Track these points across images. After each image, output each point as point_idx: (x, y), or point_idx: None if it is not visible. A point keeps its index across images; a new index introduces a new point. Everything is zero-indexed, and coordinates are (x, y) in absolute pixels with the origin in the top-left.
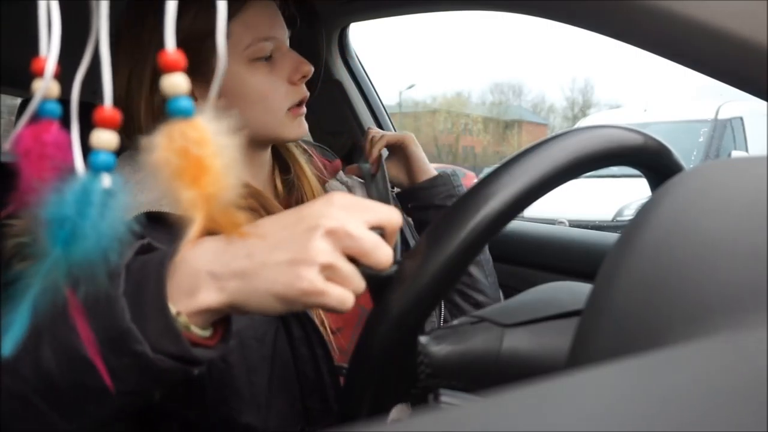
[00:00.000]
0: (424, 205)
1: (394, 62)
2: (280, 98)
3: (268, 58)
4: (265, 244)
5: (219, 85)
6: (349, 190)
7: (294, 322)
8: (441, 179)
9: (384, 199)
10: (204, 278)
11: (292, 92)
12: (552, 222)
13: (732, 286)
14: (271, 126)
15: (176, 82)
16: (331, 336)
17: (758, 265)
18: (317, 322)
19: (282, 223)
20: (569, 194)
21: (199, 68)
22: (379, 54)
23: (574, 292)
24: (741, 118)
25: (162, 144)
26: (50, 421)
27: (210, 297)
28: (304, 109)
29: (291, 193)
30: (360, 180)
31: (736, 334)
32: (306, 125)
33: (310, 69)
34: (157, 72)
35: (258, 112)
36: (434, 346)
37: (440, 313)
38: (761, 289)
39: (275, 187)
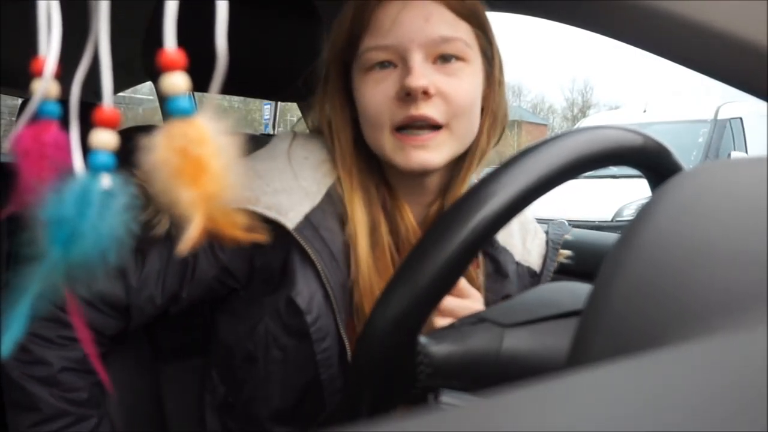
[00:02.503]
0: None
1: None
2: (379, 115)
3: (385, 66)
4: None
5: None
6: None
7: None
8: None
9: None
10: None
11: (395, 108)
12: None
13: (731, 286)
14: (379, 147)
15: (176, 82)
16: None
17: (757, 266)
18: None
19: None
20: (569, 194)
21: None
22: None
23: (574, 292)
24: (741, 119)
25: (162, 143)
26: None
27: None
28: (419, 139)
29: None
30: None
31: (734, 335)
32: (422, 158)
33: (411, 85)
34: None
35: (366, 129)
36: (434, 346)
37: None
38: (760, 290)
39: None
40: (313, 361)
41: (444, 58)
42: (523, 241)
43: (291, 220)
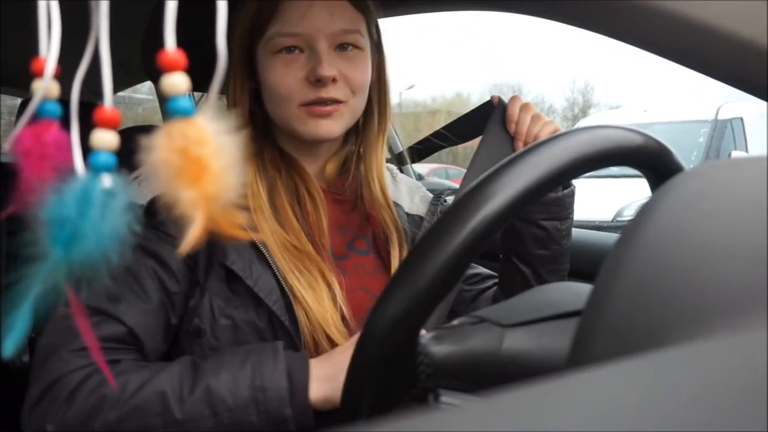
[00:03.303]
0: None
1: (394, 62)
2: (289, 93)
3: (291, 50)
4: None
5: (246, 75)
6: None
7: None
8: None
9: None
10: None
11: (305, 89)
12: None
13: (731, 287)
14: (284, 119)
15: (176, 82)
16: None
17: (758, 266)
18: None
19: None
20: None
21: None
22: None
23: (574, 292)
24: (741, 119)
25: (162, 143)
26: None
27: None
28: (326, 110)
29: (343, 174)
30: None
31: (735, 335)
32: (328, 127)
33: (323, 74)
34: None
35: (273, 104)
36: (434, 346)
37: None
38: (761, 290)
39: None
40: (265, 317)
41: (343, 47)
42: (411, 197)
43: None
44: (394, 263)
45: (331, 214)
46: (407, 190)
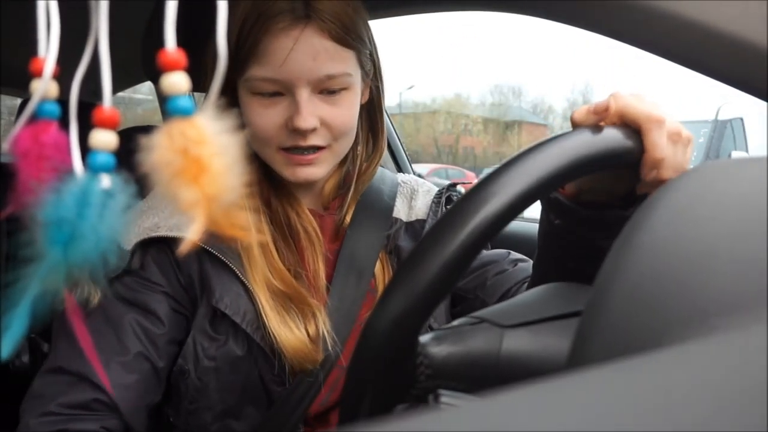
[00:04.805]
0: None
1: (394, 63)
2: (268, 137)
3: (273, 95)
4: None
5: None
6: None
7: (261, 358)
8: None
9: None
10: None
11: (283, 136)
12: None
13: (730, 287)
14: (264, 157)
15: (176, 82)
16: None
17: (756, 266)
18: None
19: None
20: None
21: None
22: (379, 54)
23: (574, 292)
24: (741, 119)
25: (162, 143)
26: None
27: None
28: (305, 158)
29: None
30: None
31: (734, 335)
32: (309, 173)
33: (300, 126)
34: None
35: (253, 142)
36: (434, 347)
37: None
38: (759, 290)
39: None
40: (251, 356)
41: (329, 92)
42: (409, 203)
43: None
44: (379, 285)
45: (327, 240)
46: (405, 199)
